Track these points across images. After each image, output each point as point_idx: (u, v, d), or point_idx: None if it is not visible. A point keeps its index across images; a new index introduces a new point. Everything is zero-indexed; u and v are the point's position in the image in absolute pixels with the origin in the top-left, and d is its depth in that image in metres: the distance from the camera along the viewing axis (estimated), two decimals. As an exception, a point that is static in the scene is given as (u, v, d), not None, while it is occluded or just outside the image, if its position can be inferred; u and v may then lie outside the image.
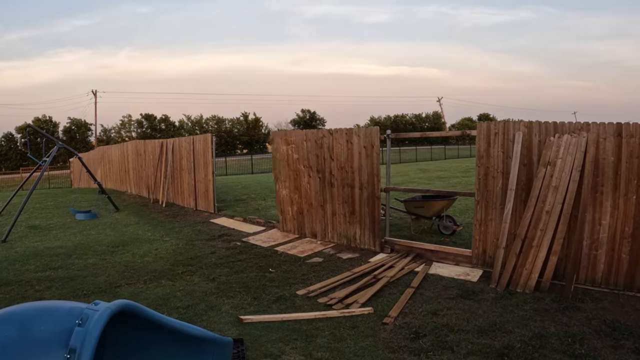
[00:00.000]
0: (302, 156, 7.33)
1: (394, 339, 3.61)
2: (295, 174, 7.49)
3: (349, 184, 6.69)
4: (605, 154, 4.51)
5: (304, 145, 7.28)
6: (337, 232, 6.96)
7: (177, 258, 6.38)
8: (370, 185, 6.43)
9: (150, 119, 54.40)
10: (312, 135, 7.19)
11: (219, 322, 4.02)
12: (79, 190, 16.44)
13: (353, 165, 6.58)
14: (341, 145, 6.72)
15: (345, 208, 6.79)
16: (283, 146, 7.66)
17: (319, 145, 7.03)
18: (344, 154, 6.68)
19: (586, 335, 3.54)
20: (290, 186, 7.62)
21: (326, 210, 7.07)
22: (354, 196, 6.65)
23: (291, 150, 7.51)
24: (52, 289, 5.04)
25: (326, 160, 6.96)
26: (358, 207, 6.62)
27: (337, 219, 6.93)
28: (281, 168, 7.76)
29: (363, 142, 6.43)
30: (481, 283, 4.89)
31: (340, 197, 6.83)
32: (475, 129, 5.47)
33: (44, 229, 8.94)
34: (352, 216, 6.72)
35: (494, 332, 3.66)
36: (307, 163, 7.26)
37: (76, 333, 1.88)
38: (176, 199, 11.98)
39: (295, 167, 7.47)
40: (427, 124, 68.28)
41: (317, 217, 7.19)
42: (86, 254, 6.68)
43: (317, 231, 7.27)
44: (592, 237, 4.60)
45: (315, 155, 7.10)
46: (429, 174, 19.15)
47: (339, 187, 6.82)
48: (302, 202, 7.43)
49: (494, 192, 5.27)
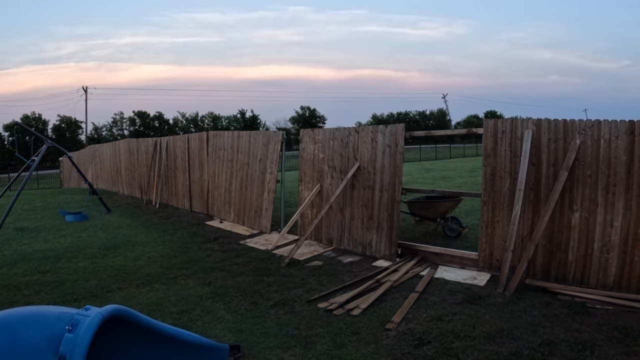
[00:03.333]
0: (328, 156, 7.19)
1: (397, 345, 3.61)
2: (319, 174, 7.34)
3: (369, 186, 6.51)
4: (617, 152, 4.51)
5: (330, 144, 7.15)
6: (354, 239, 6.72)
7: (171, 261, 6.37)
8: (391, 187, 6.23)
9: (144, 116, 54.48)
10: (339, 133, 7.06)
11: (215, 327, 4.02)
12: (69, 191, 16.46)
13: (376, 165, 6.42)
14: (366, 144, 6.57)
15: (364, 212, 6.60)
16: (310, 145, 7.51)
17: (345, 144, 6.91)
18: (368, 152, 6.54)
19: (597, 341, 3.54)
20: (313, 188, 7.43)
21: (345, 215, 6.88)
22: (374, 199, 6.45)
23: (317, 149, 7.36)
24: (41, 294, 5.03)
25: (350, 160, 6.82)
26: (377, 211, 6.41)
27: (355, 224, 6.72)
28: (306, 169, 7.59)
29: (387, 140, 6.29)
30: (488, 287, 4.89)
31: (360, 200, 6.65)
32: (481, 126, 5.47)
33: (32, 231, 8.94)
34: (369, 221, 6.50)
35: (501, 338, 3.66)
36: (332, 163, 7.12)
37: (66, 340, 1.87)
38: (170, 199, 11.98)
39: (320, 167, 7.34)
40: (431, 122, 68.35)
41: (335, 221, 7.01)
42: (76, 257, 6.68)
43: (333, 237, 7.05)
44: (604, 240, 4.60)
45: (340, 154, 6.97)
46: (434, 174, 19.16)
47: (359, 190, 6.65)
48: (323, 204, 7.16)
49: (502, 192, 5.27)
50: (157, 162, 12.35)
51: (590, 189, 4.66)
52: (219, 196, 9.74)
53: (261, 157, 8.46)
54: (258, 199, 8.47)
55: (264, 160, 8.40)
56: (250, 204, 8.69)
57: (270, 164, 8.27)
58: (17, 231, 8.95)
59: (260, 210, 8.41)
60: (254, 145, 8.70)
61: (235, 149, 9.22)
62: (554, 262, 4.90)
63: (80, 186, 17.48)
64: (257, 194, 8.49)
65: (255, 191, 8.56)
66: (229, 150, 9.43)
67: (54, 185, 25.65)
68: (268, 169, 8.30)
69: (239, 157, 9.11)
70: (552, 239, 4.90)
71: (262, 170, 8.42)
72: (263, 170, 8.39)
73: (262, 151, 8.44)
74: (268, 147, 8.32)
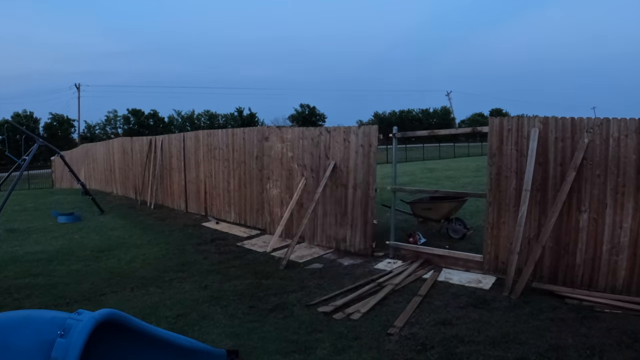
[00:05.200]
0: (297, 154, 7.46)
1: (400, 350, 3.61)
2: (288, 173, 7.61)
3: (342, 184, 6.80)
4: (626, 152, 4.51)
5: (300, 143, 7.42)
6: (327, 235, 7.05)
7: (166, 264, 6.38)
8: (364, 184, 6.52)
9: (138, 114, 54.41)
10: (308, 133, 7.31)
11: (211, 332, 4.02)
12: (61, 191, 16.47)
13: (349, 165, 6.70)
14: (338, 143, 6.85)
15: (336, 209, 6.89)
16: (278, 144, 7.80)
17: (315, 143, 7.15)
18: (340, 152, 6.81)
19: (606, 346, 3.54)
20: (282, 186, 7.76)
21: (317, 212, 7.13)
22: (347, 196, 6.75)
23: (286, 148, 7.64)
24: (32, 297, 5.04)
25: (321, 158, 7.08)
26: (350, 208, 6.71)
27: (327, 221, 7.02)
28: (274, 167, 7.89)
29: (361, 141, 6.55)
30: (493, 291, 4.89)
31: (333, 197, 6.93)
32: (486, 125, 5.47)
33: (23, 233, 8.94)
34: (343, 217, 6.81)
35: (507, 343, 3.66)
36: (302, 162, 7.38)
37: (58, 344, 1.88)
38: (165, 200, 11.98)
39: (289, 165, 7.58)
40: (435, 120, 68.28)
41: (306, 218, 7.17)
42: (69, 260, 6.68)
43: (305, 234, 7.32)
44: (613, 242, 4.60)
45: (311, 153, 7.25)
46: (437, 174, 19.16)
47: (332, 187, 6.92)
48: (293, 202, 7.47)
49: (507, 193, 5.27)
50: (152, 162, 12.35)
51: (598, 189, 4.66)
52: (217, 196, 9.74)
53: (257, 154, 8.48)
54: (259, 197, 8.50)
55: (260, 157, 8.42)
56: (251, 202, 8.73)
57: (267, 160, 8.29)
58: (7, 233, 8.95)
59: (262, 209, 8.44)
60: (249, 142, 8.72)
61: (231, 147, 9.23)
62: (562, 264, 4.90)
63: (73, 186, 17.48)
64: (257, 192, 8.52)
65: (255, 189, 8.59)
66: (224, 149, 9.43)
67: (46, 185, 25.65)
68: (265, 166, 8.33)
69: (234, 156, 9.12)
70: (560, 241, 4.90)
71: (259, 168, 8.44)
72: (261, 168, 8.41)
73: (258, 148, 8.47)
74: (263, 144, 8.35)
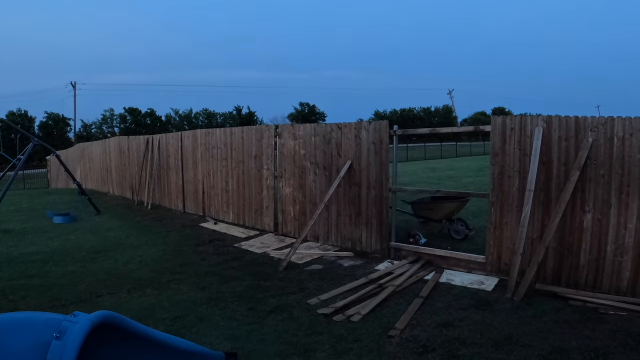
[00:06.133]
0: (309, 152, 7.40)
1: (401, 353, 3.61)
2: (301, 171, 7.57)
3: (356, 183, 6.75)
4: (631, 151, 4.51)
5: (312, 140, 7.36)
6: (342, 235, 7.00)
7: (163, 265, 6.37)
8: (378, 184, 6.48)
9: (135, 113, 54.45)
10: (320, 130, 7.25)
11: (210, 335, 4.02)
12: (56, 191, 16.47)
13: (361, 163, 6.64)
14: (350, 141, 6.78)
15: (351, 209, 6.84)
16: (291, 141, 7.72)
17: (327, 140, 7.11)
18: (352, 150, 6.75)
19: (610, 349, 3.54)
20: (295, 184, 7.71)
21: (331, 212, 7.11)
22: (361, 196, 6.70)
23: (298, 145, 7.58)
24: (27, 299, 5.03)
25: (334, 157, 7.04)
26: (365, 208, 6.66)
27: (342, 221, 6.98)
28: (287, 165, 7.83)
29: (372, 137, 6.49)
30: (496, 292, 4.89)
31: (347, 197, 6.88)
32: (489, 124, 5.47)
33: (18, 234, 8.94)
34: (358, 218, 6.76)
35: (510, 346, 3.66)
36: (314, 160, 7.33)
37: (53, 347, 1.87)
38: (163, 200, 11.98)
39: (302, 164, 7.55)
40: (437, 119, 68.31)
41: (320, 218, 7.19)
42: (65, 261, 6.68)
43: (320, 234, 7.30)
44: (617, 243, 4.60)
45: (323, 151, 7.19)
46: (439, 174, 19.17)
47: (346, 187, 6.87)
48: (306, 201, 7.50)
49: (510, 193, 5.27)
50: (150, 162, 12.35)
51: (603, 190, 4.66)
52: (216, 196, 9.74)
53: (256, 154, 8.48)
54: (258, 197, 8.51)
55: (259, 156, 8.42)
56: (250, 203, 8.73)
57: (266, 160, 8.30)
58: (2, 233, 8.94)
59: (262, 209, 8.44)
60: (247, 142, 8.72)
61: (229, 146, 9.23)
62: (565, 266, 4.90)
63: (69, 186, 17.49)
64: (257, 192, 8.53)
65: (254, 189, 8.60)
66: (223, 149, 9.43)
67: (41, 185, 25.66)
68: (265, 166, 8.33)
69: (233, 155, 9.12)
70: (564, 242, 4.90)
71: (258, 168, 8.45)
72: (260, 167, 8.42)
73: (257, 147, 8.47)
74: (262, 143, 8.36)
